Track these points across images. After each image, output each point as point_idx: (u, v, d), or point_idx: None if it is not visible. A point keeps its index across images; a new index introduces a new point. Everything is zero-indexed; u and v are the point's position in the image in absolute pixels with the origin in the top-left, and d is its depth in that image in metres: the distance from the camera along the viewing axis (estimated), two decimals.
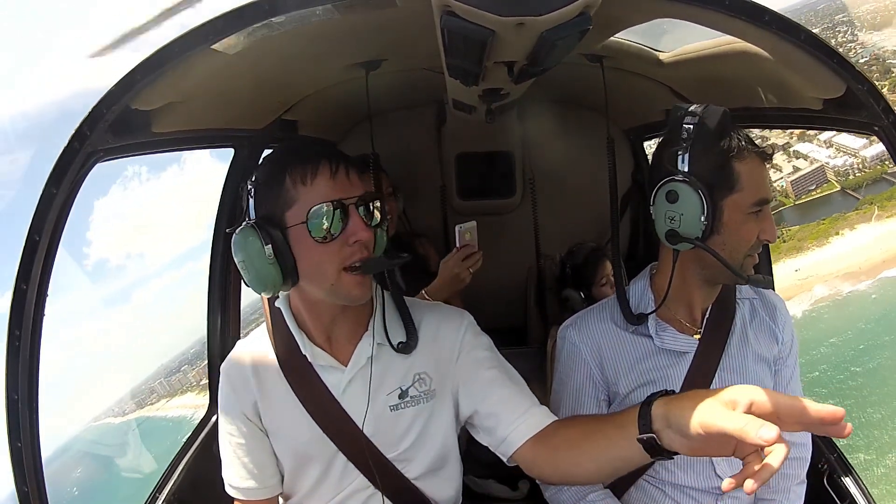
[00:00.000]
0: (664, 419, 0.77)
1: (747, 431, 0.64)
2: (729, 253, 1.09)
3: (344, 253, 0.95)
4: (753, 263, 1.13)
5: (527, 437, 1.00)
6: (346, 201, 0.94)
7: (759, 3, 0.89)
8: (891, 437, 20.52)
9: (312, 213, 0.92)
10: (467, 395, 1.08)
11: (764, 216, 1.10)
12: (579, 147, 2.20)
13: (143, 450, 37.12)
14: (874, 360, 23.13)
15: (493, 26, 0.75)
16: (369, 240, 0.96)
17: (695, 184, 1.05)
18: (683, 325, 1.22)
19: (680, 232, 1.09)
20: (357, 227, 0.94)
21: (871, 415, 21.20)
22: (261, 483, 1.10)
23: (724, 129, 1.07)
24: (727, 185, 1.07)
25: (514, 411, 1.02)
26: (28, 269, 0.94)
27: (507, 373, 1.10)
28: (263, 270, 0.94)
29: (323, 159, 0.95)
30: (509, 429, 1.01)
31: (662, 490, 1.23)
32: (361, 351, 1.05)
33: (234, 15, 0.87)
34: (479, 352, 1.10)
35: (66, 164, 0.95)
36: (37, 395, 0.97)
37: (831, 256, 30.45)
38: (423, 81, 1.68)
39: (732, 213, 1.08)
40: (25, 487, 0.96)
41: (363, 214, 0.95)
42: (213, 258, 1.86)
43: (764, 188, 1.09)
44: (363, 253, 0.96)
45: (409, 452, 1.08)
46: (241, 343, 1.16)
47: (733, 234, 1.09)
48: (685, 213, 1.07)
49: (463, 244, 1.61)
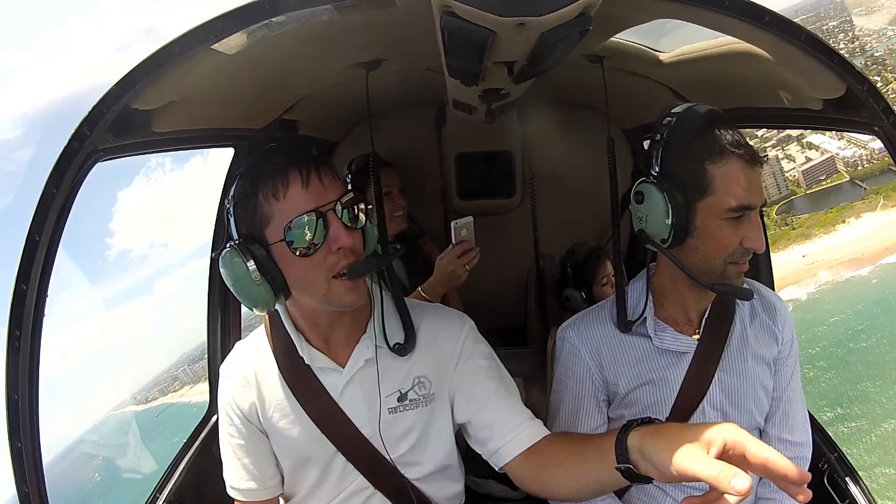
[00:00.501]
0: (640, 451, 0.78)
1: (720, 481, 0.65)
2: (703, 258, 1.07)
3: (330, 261, 0.93)
4: (739, 272, 1.09)
5: (517, 453, 1.02)
6: (324, 208, 0.91)
7: (759, 4, 0.89)
8: (883, 409, 21.53)
9: (290, 228, 0.90)
10: (463, 403, 1.09)
11: (746, 223, 1.04)
12: (579, 147, 2.19)
13: (166, 434, 38.20)
14: (871, 338, 24.78)
15: (493, 27, 0.75)
16: (354, 244, 0.94)
17: (661, 185, 1.04)
18: (681, 326, 1.22)
19: (647, 232, 1.08)
20: (338, 234, 0.92)
21: (866, 388, 22.51)
22: (261, 484, 1.10)
23: (703, 129, 1.04)
24: (699, 188, 1.04)
25: (508, 425, 1.04)
26: (28, 269, 0.94)
27: (504, 383, 1.10)
28: (253, 291, 0.93)
29: (292, 169, 0.91)
30: (501, 442, 1.03)
31: (663, 489, 1.23)
32: (359, 353, 1.05)
33: (234, 15, 0.87)
34: (477, 360, 1.10)
35: (66, 164, 0.95)
36: (37, 395, 0.97)
37: (837, 243, 32.72)
38: (423, 81, 1.68)
39: (706, 218, 1.05)
40: (25, 487, 0.96)
41: (344, 218, 0.93)
42: (213, 259, 1.85)
43: (746, 193, 1.02)
44: (349, 258, 0.94)
45: (410, 455, 1.09)
46: (240, 344, 1.16)
47: (707, 239, 1.06)
48: (650, 213, 1.07)
49: (459, 240, 1.59)
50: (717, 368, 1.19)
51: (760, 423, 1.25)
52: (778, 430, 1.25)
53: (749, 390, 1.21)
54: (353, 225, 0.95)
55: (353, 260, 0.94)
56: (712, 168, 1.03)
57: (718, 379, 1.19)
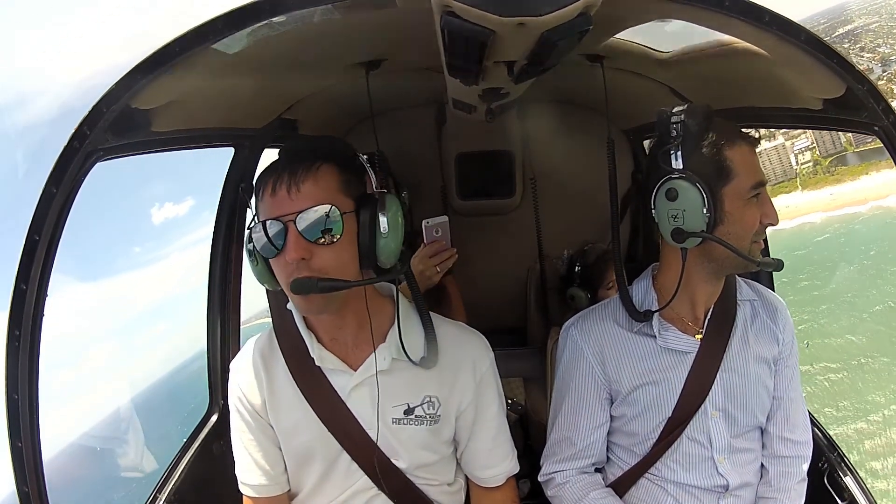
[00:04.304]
0: None
1: None
2: (735, 241, 1.10)
3: (288, 269, 0.94)
4: (760, 249, 1.14)
5: (476, 486, 1.19)
6: (284, 219, 0.92)
7: (760, 4, 0.89)
8: None
9: (256, 228, 0.95)
10: (461, 428, 1.14)
11: (763, 200, 1.11)
12: (579, 147, 2.19)
13: None
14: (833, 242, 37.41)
15: (493, 27, 0.75)
16: (313, 258, 0.93)
17: (692, 178, 1.07)
18: (686, 324, 1.22)
19: (685, 228, 1.09)
20: (289, 247, 0.92)
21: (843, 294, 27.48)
22: (271, 479, 1.11)
23: (709, 122, 1.09)
24: (723, 175, 1.08)
25: (483, 461, 1.16)
26: (28, 269, 0.94)
27: (500, 426, 1.16)
28: (254, 270, 1.02)
29: (270, 175, 0.94)
30: (471, 467, 1.18)
31: (664, 489, 1.23)
32: (374, 360, 1.05)
33: (234, 15, 0.87)
34: (488, 397, 1.13)
35: (65, 164, 0.95)
36: (37, 395, 0.97)
37: (857, 188, 47.62)
38: (423, 81, 1.68)
39: (733, 201, 1.09)
40: (26, 487, 0.96)
41: (307, 231, 0.92)
42: (212, 258, 1.85)
43: (758, 171, 1.11)
44: (302, 272, 0.93)
45: (409, 465, 1.09)
46: (251, 341, 1.16)
47: (737, 222, 1.10)
48: (687, 208, 1.08)
49: (431, 240, 1.55)
50: (720, 368, 1.19)
51: (762, 422, 1.25)
52: (779, 429, 1.26)
53: (751, 390, 1.21)
54: (319, 241, 0.93)
55: (305, 274, 0.93)
56: (730, 153, 1.09)
57: (720, 378, 1.19)
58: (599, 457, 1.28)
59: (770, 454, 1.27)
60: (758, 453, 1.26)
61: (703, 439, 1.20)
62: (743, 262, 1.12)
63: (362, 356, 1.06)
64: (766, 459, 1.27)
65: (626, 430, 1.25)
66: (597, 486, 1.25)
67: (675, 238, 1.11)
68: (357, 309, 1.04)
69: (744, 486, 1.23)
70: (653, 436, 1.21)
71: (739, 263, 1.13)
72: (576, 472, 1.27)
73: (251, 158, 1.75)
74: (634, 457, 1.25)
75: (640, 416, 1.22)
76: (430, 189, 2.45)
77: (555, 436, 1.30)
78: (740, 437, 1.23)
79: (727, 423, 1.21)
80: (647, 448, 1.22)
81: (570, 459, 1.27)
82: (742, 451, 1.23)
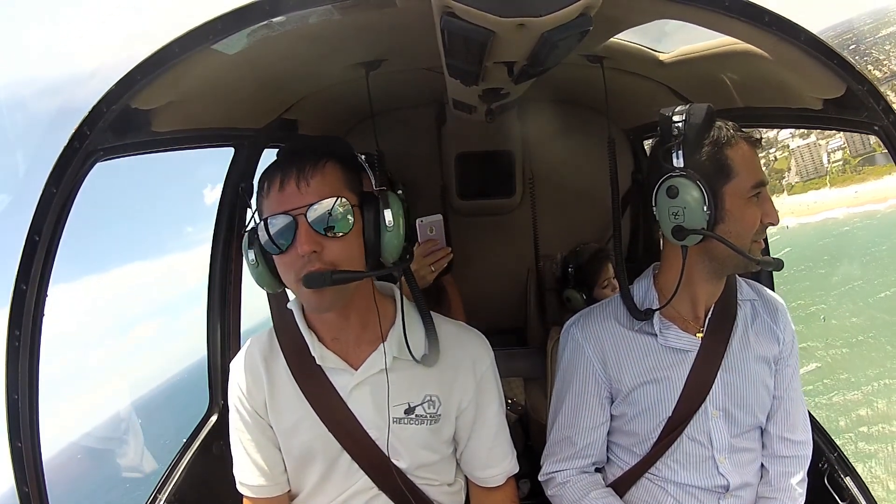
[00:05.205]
0: None
1: None
2: (735, 240, 1.10)
3: (298, 264, 0.93)
4: (760, 249, 1.15)
5: (476, 486, 1.20)
6: (293, 212, 0.92)
7: (760, 4, 0.89)
8: None
9: (260, 226, 0.95)
10: (461, 427, 1.14)
11: (763, 199, 1.12)
12: (579, 147, 2.19)
13: None
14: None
15: (493, 27, 0.75)
16: (324, 251, 0.93)
17: (692, 176, 1.07)
18: (687, 323, 1.22)
19: (685, 226, 1.10)
20: (300, 240, 0.92)
21: None
22: (271, 480, 1.10)
23: (710, 122, 1.10)
24: (724, 173, 1.09)
25: (483, 461, 1.16)
26: (28, 269, 0.94)
27: (500, 426, 1.16)
28: (254, 273, 1.00)
29: (276, 171, 0.94)
30: (470, 467, 1.18)
31: (664, 489, 1.23)
32: (376, 359, 1.05)
33: (234, 15, 0.87)
34: (488, 397, 1.13)
35: (65, 164, 0.95)
36: (37, 394, 0.97)
37: (880, 187, 52.37)
38: (423, 81, 1.68)
39: (733, 200, 1.10)
40: (25, 487, 0.96)
41: (317, 224, 0.92)
42: (212, 258, 1.85)
43: (758, 171, 1.11)
44: (314, 265, 0.93)
45: (409, 465, 1.09)
46: (251, 340, 1.16)
47: (737, 221, 1.10)
48: (687, 206, 1.08)
49: (425, 239, 1.53)
50: (720, 368, 1.20)
51: (762, 421, 1.25)
52: (779, 429, 1.26)
53: (751, 389, 1.21)
54: (329, 233, 0.93)
55: (318, 267, 0.93)
56: (730, 152, 1.10)
57: (721, 378, 1.20)
58: (600, 456, 1.28)
59: (770, 454, 1.27)
60: (758, 453, 1.27)
61: (703, 439, 1.20)
62: (743, 261, 1.12)
63: (363, 355, 1.06)
64: (767, 459, 1.27)
65: (626, 430, 1.25)
66: (597, 485, 1.26)
67: (675, 235, 1.11)
68: (360, 307, 1.04)
69: (744, 487, 1.23)
70: (653, 435, 1.21)
71: (740, 262, 1.13)
72: (576, 471, 1.27)
73: (251, 158, 1.74)
74: (634, 457, 1.25)
75: (640, 416, 1.22)
76: (430, 189, 2.45)
77: (555, 435, 1.30)
78: (740, 436, 1.23)
79: (727, 423, 1.21)
80: (647, 448, 1.23)
81: (571, 459, 1.27)
82: (742, 451, 1.23)
